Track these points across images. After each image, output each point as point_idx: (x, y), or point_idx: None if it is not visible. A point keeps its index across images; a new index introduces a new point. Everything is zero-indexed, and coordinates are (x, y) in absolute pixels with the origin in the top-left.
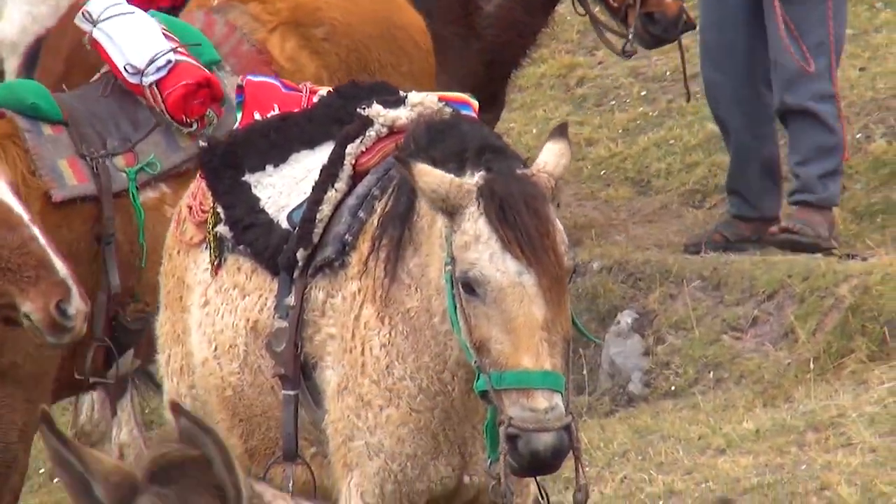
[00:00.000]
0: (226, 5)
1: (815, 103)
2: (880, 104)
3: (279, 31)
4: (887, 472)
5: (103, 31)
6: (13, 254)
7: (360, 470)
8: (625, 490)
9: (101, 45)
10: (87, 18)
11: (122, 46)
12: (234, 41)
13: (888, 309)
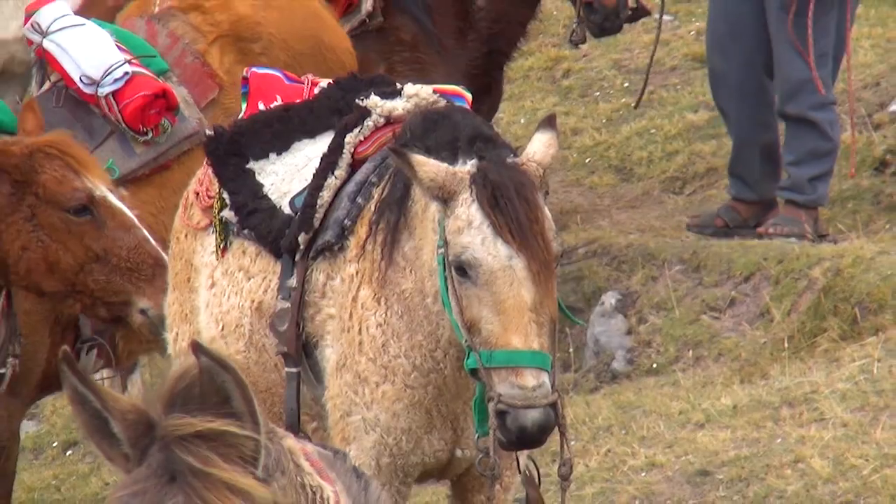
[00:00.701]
0: (167, 13)
1: (814, 112)
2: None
3: (219, 43)
4: (858, 446)
5: (54, 42)
6: (131, 254)
7: (358, 443)
8: (609, 463)
9: (53, 56)
10: (37, 29)
11: (76, 58)
12: (177, 52)
13: (859, 290)
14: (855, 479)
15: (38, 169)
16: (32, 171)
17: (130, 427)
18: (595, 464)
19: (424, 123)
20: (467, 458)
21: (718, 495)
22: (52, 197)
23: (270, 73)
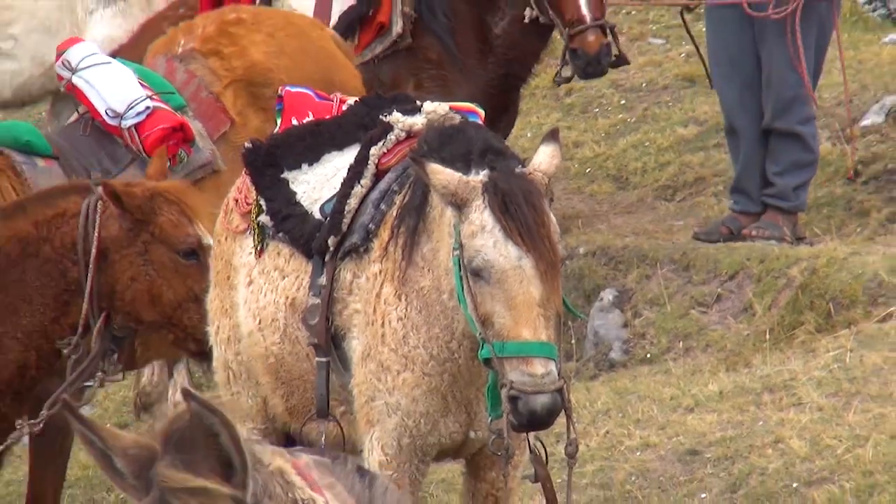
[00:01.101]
0: (188, 54)
1: (801, 126)
2: (826, 111)
3: (233, 87)
4: (832, 428)
5: (83, 78)
6: None
7: (381, 426)
8: (607, 443)
9: (81, 91)
10: (67, 66)
11: (103, 93)
12: (193, 87)
13: (832, 288)
14: (830, 457)
15: (157, 211)
16: (152, 212)
17: (132, 462)
18: (595, 444)
19: (441, 137)
20: (480, 439)
21: (706, 472)
22: (165, 238)
23: (303, 91)
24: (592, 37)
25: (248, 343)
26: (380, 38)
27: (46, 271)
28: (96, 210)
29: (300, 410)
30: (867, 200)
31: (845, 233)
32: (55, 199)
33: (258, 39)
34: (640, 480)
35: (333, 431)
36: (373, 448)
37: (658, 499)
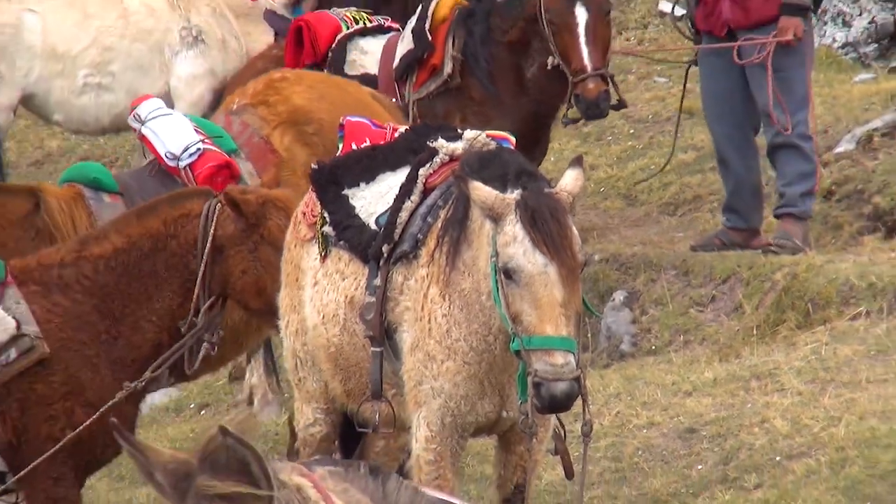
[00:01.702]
0: (241, 108)
1: (799, 141)
2: None
3: (280, 128)
4: (810, 410)
5: (149, 129)
6: None
7: (427, 406)
8: (617, 422)
9: (148, 139)
10: (137, 119)
11: (163, 139)
12: (246, 135)
13: (810, 290)
14: (807, 435)
15: (268, 216)
16: (263, 216)
17: (170, 475)
18: (607, 423)
19: (480, 160)
20: (511, 418)
21: (702, 447)
22: (273, 239)
23: (361, 120)
24: (592, 84)
25: (313, 335)
26: (433, 78)
27: (173, 264)
28: (215, 212)
29: (356, 393)
30: (840, 216)
31: (822, 244)
32: (181, 202)
33: (300, 89)
34: (645, 454)
35: (385, 411)
36: (420, 425)
37: (661, 470)
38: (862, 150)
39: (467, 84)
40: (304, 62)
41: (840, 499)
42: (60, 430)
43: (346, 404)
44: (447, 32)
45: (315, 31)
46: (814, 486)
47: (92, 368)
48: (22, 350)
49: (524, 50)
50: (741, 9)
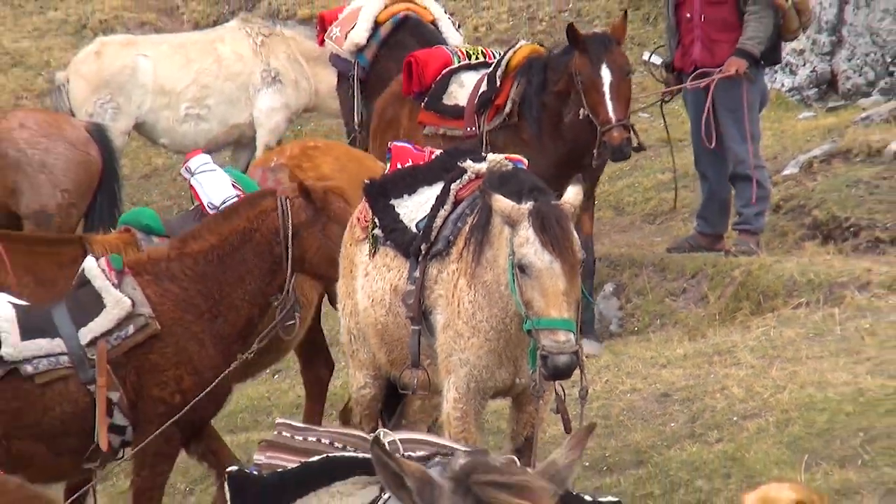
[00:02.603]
0: (278, 167)
1: (758, 170)
2: None
3: None
4: (761, 380)
5: (197, 181)
6: None
7: (455, 374)
8: (607, 388)
9: (195, 189)
10: (189, 171)
11: (207, 191)
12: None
13: (762, 285)
14: (758, 400)
15: (330, 200)
16: (327, 202)
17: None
18: (598, 388)
19: (500, 178)
20: (522, 384)
21: (674, 409)
22: (337, 218)
23: (404, 145)
24: (616, 133)
25: (364, 316)
26: (498, 115)
27: (259, 252)
28: (287, 205)
29: (398, 362)
30: (786, 226)
31: (771, 248)
32: (257, 202)
33: (328, 160)
34: (628, 414)
35: (422, 377)
36: (450, 389)
37: (641, 427)
38: (804, 174)
39: (521, 124)
40: (412, 91)
41: (784, 451)
42: (170, 394)
43: (390, 371)
44: (515, 78)
45: (422, 65)
46: (763, 441)
47: (198, 342)
48: (138, 327)
49: (566, 100)
50: (709, 52)
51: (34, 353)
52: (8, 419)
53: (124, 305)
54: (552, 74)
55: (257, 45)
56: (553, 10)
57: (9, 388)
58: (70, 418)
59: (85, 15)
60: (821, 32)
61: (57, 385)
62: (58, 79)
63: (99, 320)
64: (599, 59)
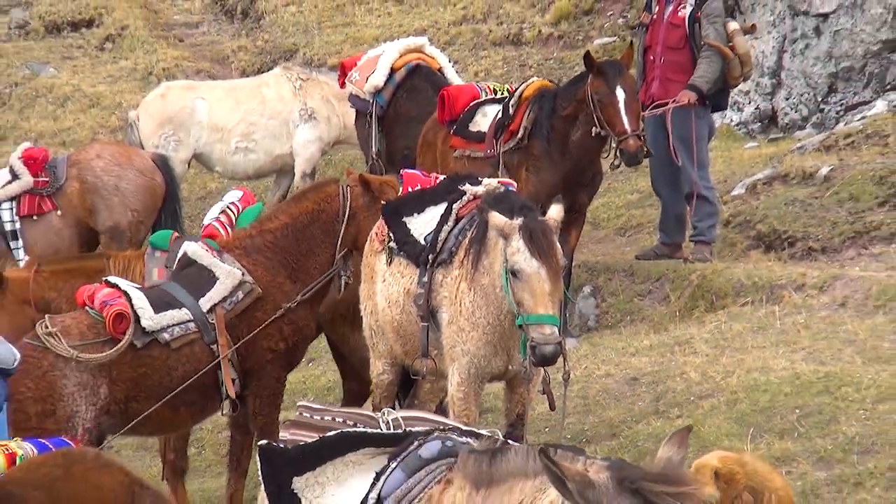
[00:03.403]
0: None
1: (706, 191)
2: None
3: None
4: (713, 366)
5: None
6: None
7: (458, 362)
8: (585, 373)
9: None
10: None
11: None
12: None
13: (714, 287)
14: (712, 383)
15: (385, 190)
16: (381, 191)
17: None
18: (578, 373)
19: (495, 198)
20: (514, 370)
21: (642, 390)
22: None
23: (414, 172)
24: (632, 141)
25: (382, 314)
26: (512, 139)
27: (325, 229)
28: (348, 191)
29: (411, 352)
30: (734, 238)
31: (722, 256)
32: (323, 187)
33: None
34: (603, 395)
35: (430, 365)
36: (453, 374)
37: (614, 405)
38: (749, 194)
39: (532, 144)
40: (444, 120)
41: (733, 426)
42: (276, 343)
43: (404, 360)
44: (527, 108)
45: (453, 98)
46: (715, 417)
47: (289, 297)
48: (245, 292)
49: (573, 121)
50: (665, 89)
51: (168, 323)
52: (130, 385)
53: (235, 276)
54: (561, 101)
55: (296, 88)
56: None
57: (139, 357)
58: (191, 376)
59: (151, 64)
60: (763, 76)
61: (185, 349)
62: (129, 117)
63: (216, 290)
64: (615, 81)
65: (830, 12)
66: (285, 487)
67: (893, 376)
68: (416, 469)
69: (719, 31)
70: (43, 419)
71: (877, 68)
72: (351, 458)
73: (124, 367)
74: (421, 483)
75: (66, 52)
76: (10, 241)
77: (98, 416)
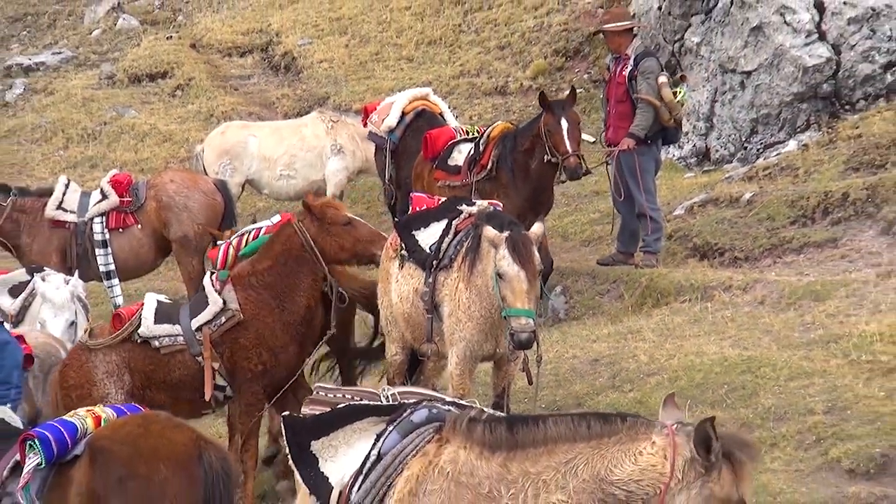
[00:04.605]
0: None
1: (653, 212)
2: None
3: None
4: (659, 350)
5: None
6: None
7: (456, 346)
8: (557, 356)
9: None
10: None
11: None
12: None
13: (660, 287)
14: (657, 364)
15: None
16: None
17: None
18: (551, 356)
19: (487, 216)
20: (501, 353)
21: (601, 369)
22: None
23: (421, 195)
24: (573, 160)
25: (395, 307)
26: (483, 170)
27: (299, 261)
28: (298, 225)
29: (418, 338)
30: (676, 248)
31: (665, 263)
32: (283, 231)
33: None
34: (570, 372)
35: (434, 348)
36: (452, 356)
37: (580, 381)
38: (688, 214)
39: (500, 174)
40: (428, 156)
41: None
42: (254, 365)
43: (412, 344)
44: (494, 145)
45: (433, 139)
46: (660, 391)
47: (270, 328)
48: (227, 317)
49: (531, 154)
50: (615, 133)
51: (160, 334)
52: (144, 376)
53: (218, 303)
54: (521, 139)
55: (328, 128)
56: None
57: (146, 355)
58: (186, 379)
59: (212, 107)
60: (699, 120)
61: (177, 356)
62: (195, 150)
63: (204, 313)
64: (560, 114)
65: (753, 70)
66: (305, 449)
67: (802, 359)
68: (409, 431)
69: (651, 85)
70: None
71: (789, 115)
72: (357, 426)
73: (138, 361)
74: (413, 442)
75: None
76: (98, 249)
77: (126, 399)
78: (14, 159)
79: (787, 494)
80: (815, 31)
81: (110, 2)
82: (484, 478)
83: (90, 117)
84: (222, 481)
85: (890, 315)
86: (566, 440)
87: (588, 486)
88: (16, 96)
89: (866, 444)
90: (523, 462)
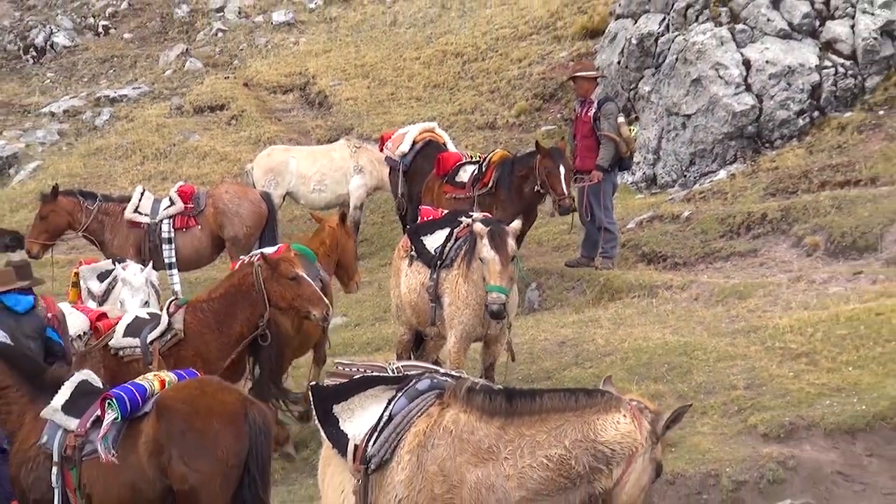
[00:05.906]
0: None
1: (610, 226)
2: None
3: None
4: (614, 335)
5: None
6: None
7: (454, 329)
8: (530, 339)
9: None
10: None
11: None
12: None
13: (615, 285)
14: (613, 347)
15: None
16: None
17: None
18: (525, 338)
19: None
20: (490, 334)
21: (567, 349)
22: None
23: (428, 208)
24: (567, 201)
25: (404, 297)
26: (484, 188)
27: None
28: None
29: (423, 322)
30: (628, 255)
31: (620, 266)
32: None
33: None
34: (543, 352)
35: (436, 330)
36: (451, 337)
37: (550, 358)
38: (638, 227)
39: (498, 191)
40: (439, 174)
41: (625, 374)
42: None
43: (417, 327)
44: (494, 168)
45: (445, 160)
46: (614, 368)
47: (206, 346)
48: (171, 335)
49: (525, 180)
50: (583, 162)
51: (123, 345)
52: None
53: (164, 323)
54: (518, 166)
55: (352, 152)
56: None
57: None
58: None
59: (260, 134)
60: (649, 153)
61: (133, 364)
62: (246, 168)
63: (155, 331)
64: (558, 161)
65: (692, 114)
66: (329, 411)
67: (727, 345)
68: (415, 397)
69: (612, 124)
70: None
71: (720, 150)
72: (370, 393)
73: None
74: (419, 406)
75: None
76: (164, 245)
77: None
78: (101, 172)
79: (713, 453)
80: (742, 84)
81: (180, 48)
82: (483, 436)
83: (162, 140)
84: (264, 435)
85: (798, 311)
86: (557, 411)
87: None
88: (103, 122)
89: (778, 413)
90: (519, 427)
